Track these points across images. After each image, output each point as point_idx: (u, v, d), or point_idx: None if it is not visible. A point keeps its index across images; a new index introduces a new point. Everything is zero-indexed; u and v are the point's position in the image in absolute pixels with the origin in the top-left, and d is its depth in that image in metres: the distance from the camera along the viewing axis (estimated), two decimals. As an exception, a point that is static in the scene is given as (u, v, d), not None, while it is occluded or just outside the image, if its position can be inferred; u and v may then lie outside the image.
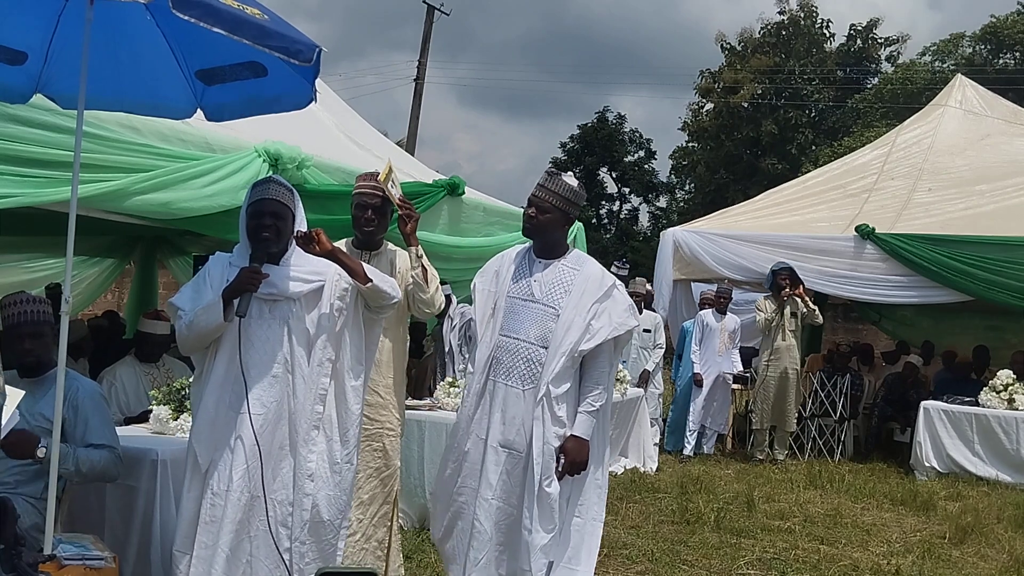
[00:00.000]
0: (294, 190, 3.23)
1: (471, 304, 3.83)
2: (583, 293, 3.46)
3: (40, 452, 3.11)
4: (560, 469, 3.37)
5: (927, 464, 8.37)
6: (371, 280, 3.18)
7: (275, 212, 3.09)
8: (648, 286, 9.51)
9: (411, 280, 3.78)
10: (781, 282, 8.78)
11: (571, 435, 3.39)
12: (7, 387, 2.57)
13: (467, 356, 6.46)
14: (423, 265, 3.76)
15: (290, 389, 3.08)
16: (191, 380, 3.52)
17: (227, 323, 3.03)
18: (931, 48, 27.47)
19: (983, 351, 10.14)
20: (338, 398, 3.17)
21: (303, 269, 3.16)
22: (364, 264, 3.30)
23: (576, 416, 3.42)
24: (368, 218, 3.84)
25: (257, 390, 3.04)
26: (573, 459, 3.37)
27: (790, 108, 26.87)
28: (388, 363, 3.94)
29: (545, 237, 3.53)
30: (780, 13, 27.96)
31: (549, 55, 59.34)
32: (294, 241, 3.18)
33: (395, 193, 3.77)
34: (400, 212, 3.78)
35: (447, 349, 7.02)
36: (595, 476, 3.51)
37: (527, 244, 3.65)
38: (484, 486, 3.42)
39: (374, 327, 3.32)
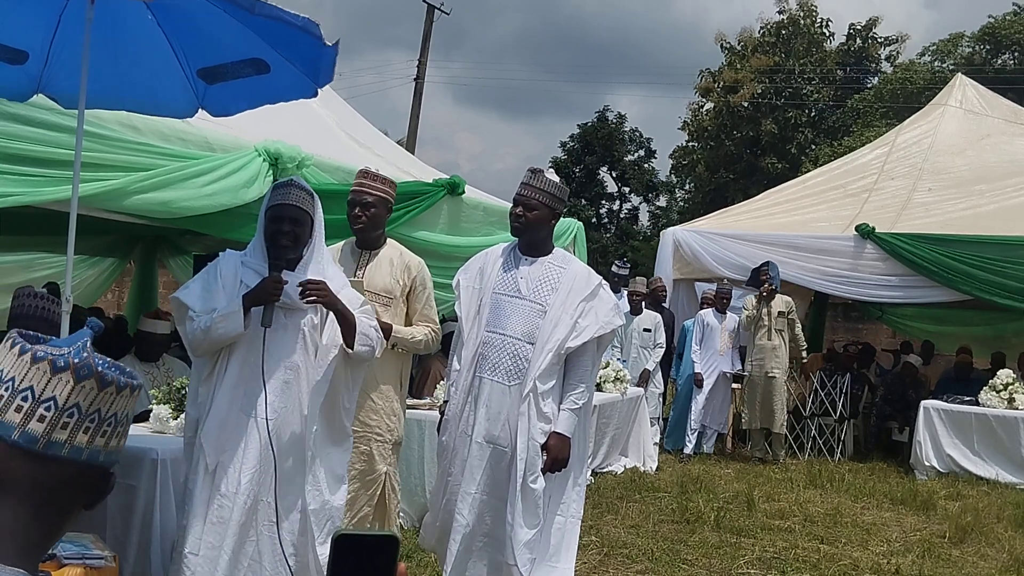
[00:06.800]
0: (315, 194, 3.19)
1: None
2: (570, 291, 3.49)
3: None
4: (542, 466, 3.39)
5: (927, 463, 8.36)
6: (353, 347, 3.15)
7: (295, 219, 3.08)
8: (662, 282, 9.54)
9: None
10: (761, 278, 8.74)
11: (554, 432, 3.42)
12: None
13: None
14: (398, 338, 3.84)
15: (300, 396, 3.09)
16: (190, 377, 3.50)
17: (246, 332, 3.01)
18: (930, 48, 27.47)
19: None
20: (332, 411, 3.18)
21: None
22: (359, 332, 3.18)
23: (559, 413, 3.44)
24: (355, 215, 3.84)
25: (272, 395, 3.03)
26: (555, 456, 3.40)
27: (790, 108, 26.83)
28: (385, 368, 3.90)
29: (533, 234, 3.56)
30: (780, 13, 27.97)
31: (546, 54, 59.40)
32: (312, 246, 3.17)
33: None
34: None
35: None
36: (576, 475, 3.55)
37: (511, 242, 3.67)
38: (468, 480, 3.45)
39: (360, 365, 3.31)
